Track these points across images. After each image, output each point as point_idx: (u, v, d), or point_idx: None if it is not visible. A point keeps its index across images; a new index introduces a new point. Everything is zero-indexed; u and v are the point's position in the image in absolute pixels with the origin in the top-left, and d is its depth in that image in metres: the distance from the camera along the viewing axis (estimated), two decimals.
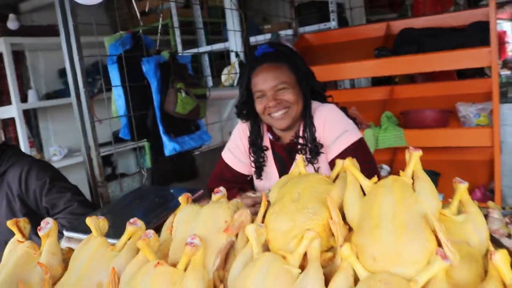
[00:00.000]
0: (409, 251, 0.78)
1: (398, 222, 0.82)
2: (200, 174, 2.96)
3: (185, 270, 0.88)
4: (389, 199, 0.88)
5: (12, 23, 3.41)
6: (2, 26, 3.39)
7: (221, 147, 1.93)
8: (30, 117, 4.00)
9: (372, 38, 3.62)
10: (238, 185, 1.79)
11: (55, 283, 1.00)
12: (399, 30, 3.42)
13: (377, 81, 4.43)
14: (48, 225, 1.09)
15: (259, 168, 1.78)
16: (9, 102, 3.61)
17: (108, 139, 3.27)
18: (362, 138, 1.66)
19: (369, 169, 1.26)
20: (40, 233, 1.08)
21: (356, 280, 0.79)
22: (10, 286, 0.98)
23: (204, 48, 4.45)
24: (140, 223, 1.06)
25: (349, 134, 1.63)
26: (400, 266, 0.77)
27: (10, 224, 1.13)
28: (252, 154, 1.79)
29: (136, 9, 2.75)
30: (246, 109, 1.75)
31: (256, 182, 1.84)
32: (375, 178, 0.98)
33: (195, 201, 1.25)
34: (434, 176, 2.71)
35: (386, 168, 3.05)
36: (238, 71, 3.63)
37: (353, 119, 1.75)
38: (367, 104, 3.44)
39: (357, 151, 1.57)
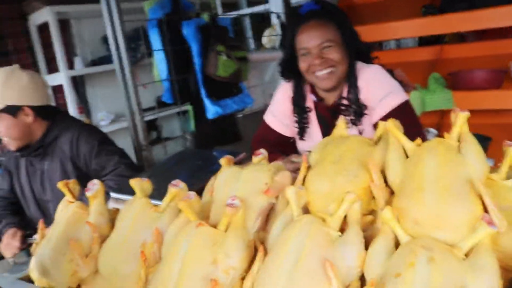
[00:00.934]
0: (452, 215, 0.76)
1: (442, 185, 0.80)
2: (243, 137, 2.98)
3: (226, 231, 0.90)
4: (433, 162, 0.85)
5: None
6: None
7: (263, 110, 1.91)
8: (78, 83, 4.11)
9: None
10: (281, 147, 1.79)
11: (103, 241, 1.05)
12: None
13: (425, 41, 4.23)
14: (95, 186, 1.14)
15: (302, 129, 1.77)
16: (56, 70, 3.71)
17: (152, 104, 3.33)
18: (408, 101, 1.61)
19: (415, 132, 1.22)
20: (88, 194, 1.13)
21: (397, 244, 0.78)
22: (62, 243, 1.04)
23: (245, 11, 4.38)
24: (182, 184, 1.08)
25: (394, 96, 1.58)
26: (443, 230, 0.75)
27: (60, 185, 1.19)
28: (295, 115, 1.78)
29: None
30: (290, 68, 1.72)
31: (299, 143, 1.83)
32: (418, 140, 0.95)
33: (237, 163, 1.25)
34: (485, 140, 2.59)
35: (433, 131, 2.95)
36: (279, 33, 3.57)
37: (399, 81, 1.69)
38: (413, 65, 3.30)
39: (402, 113, 1.52)
